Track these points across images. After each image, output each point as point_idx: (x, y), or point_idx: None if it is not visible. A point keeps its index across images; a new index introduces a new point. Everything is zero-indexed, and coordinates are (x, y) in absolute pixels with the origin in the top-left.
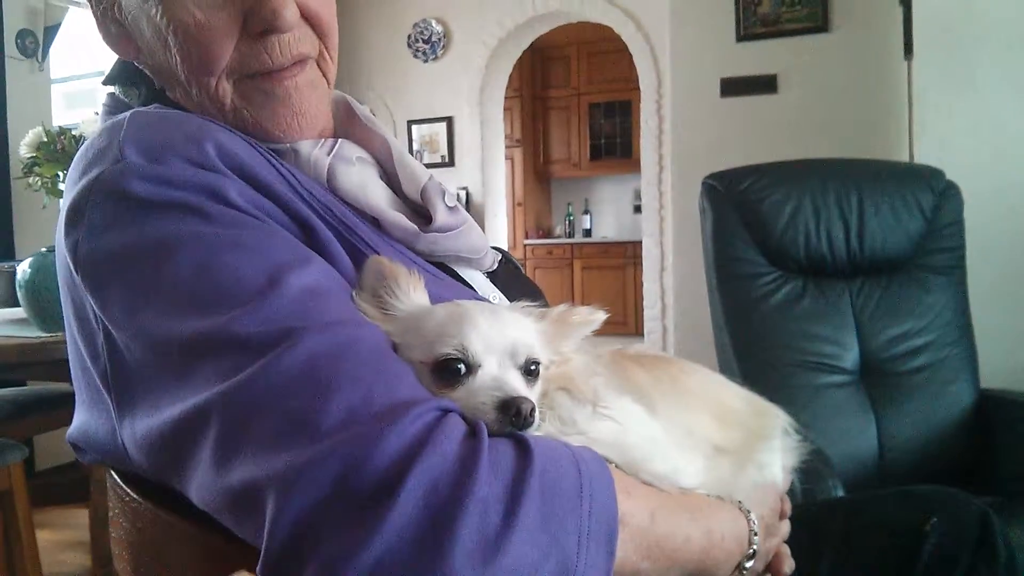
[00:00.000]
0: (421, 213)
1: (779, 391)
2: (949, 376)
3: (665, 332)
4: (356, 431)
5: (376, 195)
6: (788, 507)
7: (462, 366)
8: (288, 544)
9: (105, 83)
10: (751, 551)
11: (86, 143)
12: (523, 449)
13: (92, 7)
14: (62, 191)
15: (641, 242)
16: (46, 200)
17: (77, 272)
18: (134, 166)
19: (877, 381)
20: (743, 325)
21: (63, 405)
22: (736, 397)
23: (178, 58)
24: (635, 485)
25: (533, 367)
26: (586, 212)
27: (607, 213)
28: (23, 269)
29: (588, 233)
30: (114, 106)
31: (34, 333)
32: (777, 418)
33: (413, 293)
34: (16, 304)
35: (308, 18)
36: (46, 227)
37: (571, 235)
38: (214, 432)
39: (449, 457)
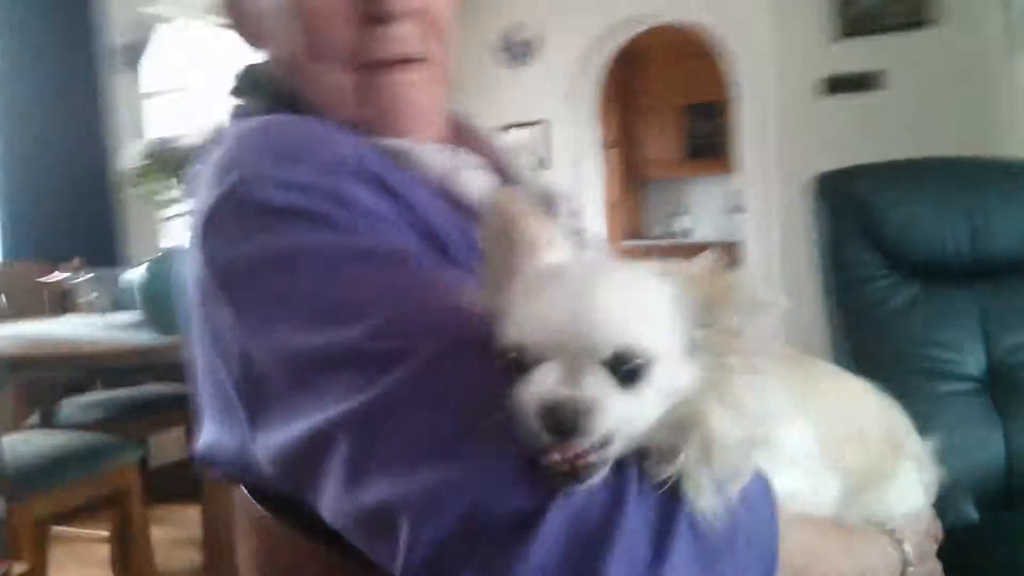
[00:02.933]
0: None
1: (899, 400)
2: None
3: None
4: (493, 453)
5: None
6: (939, 530)
7: (525, 360)
8: (424, 571)
9: (232, 93)
10: None
11: (217, 152)
12: (667, 488)
13: (223, 3)
14: (167, 200)
15: (738, 243)
16: (153, 209)
17: (212, 282)
18: (267, 174)
19: (1005, 390)
20: (860, 330)
21: (178, 405)
22: (875, 423)
23: (296, 43)
24: (795, 521)
25: (633, 365)
26: (683, 213)
27: (703, 214)
28: (140, 274)
29: (687, 234)
30: (240, 114)
31: (150, 336)
32: (913, 442)
33: (540, 244)
34: (120, 309)
35: (426, 14)
36: (152, 236)
37: (672, 236)
38: (345, 449)
39: (595, 485)
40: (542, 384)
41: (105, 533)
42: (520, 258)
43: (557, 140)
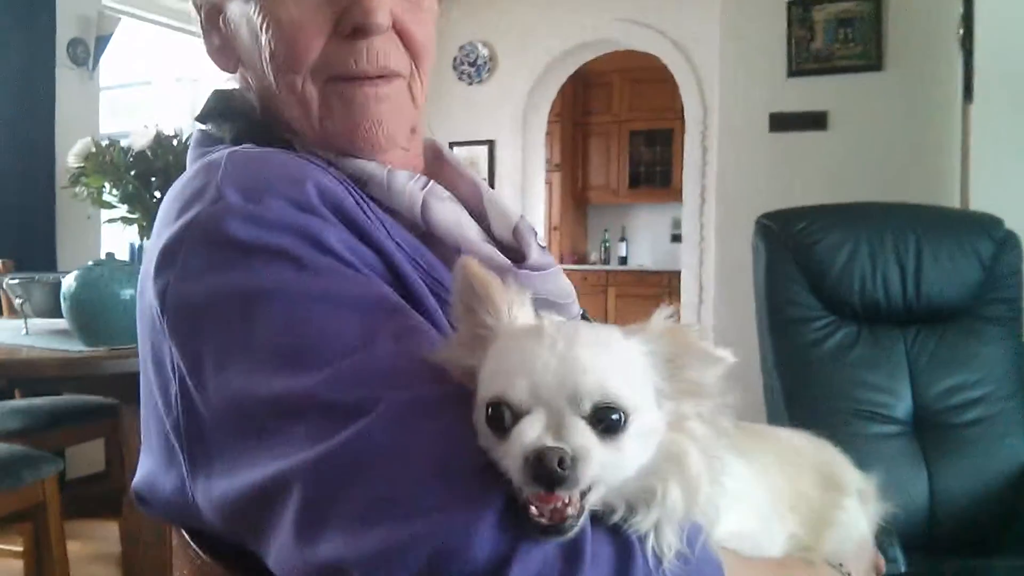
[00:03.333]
0: (510, 256)
1: (829, 440)
2: (1004, 430)
3: None
4: (450, 514)
5: (470, 230)
6: (883, 563)
7: (508, 415)
8: None
9: (198, 119)
10: None
11: (179, 182)
12: (622, 538)
13: (200, 19)
14: (107, 202)
15: (677, 272)
16: (91, 211)
17: (163, 316)
18: (233, 207)
19: (930, 433)
20: (794, 370)
21: (97, 417)
22: (809, 481)
23: (267, 55)
24: (740, 564)
25: (614, 417)
26: (622, 239)
27: (643, 241)
28: (68, 282)
29: (624, 261)
30: (205, 141)
31: (76, 346)
32: (854, 478)
33: (505, 306)
34: (57, 315)
35: (401, 34)
36: (89, 238)
37: (607, 262)
38: (297, 502)
39: (550, 549)
40: (527, 435)
41: (19, 548)
42: (489, 322)
43: (503, 161)
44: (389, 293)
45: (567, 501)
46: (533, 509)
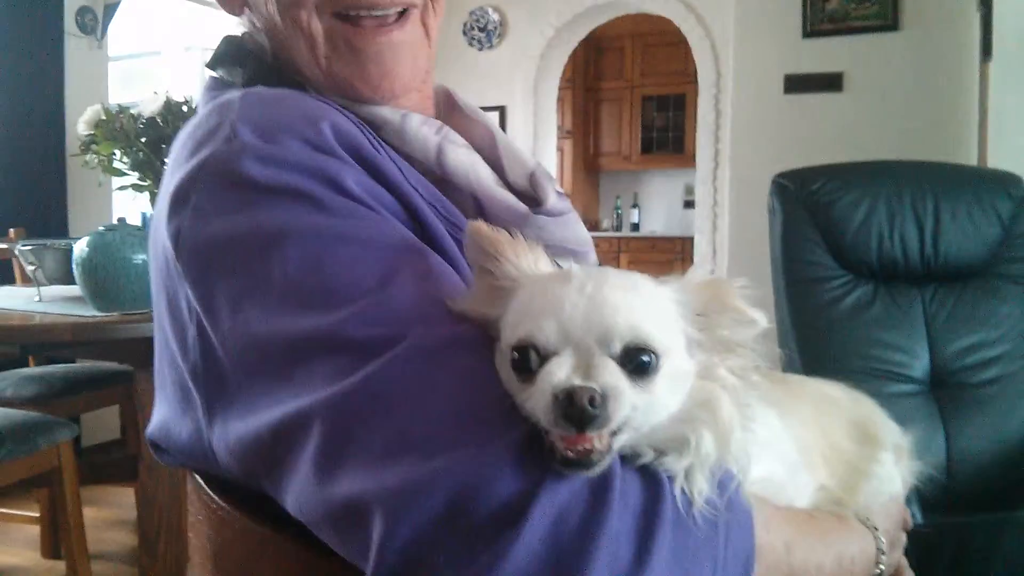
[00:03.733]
0: (526, 203)
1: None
2: (1022, 388)
3: None
4: (473, 450)
5: (485, 176)
6: (910, 518)
7: (535, 357)
8: (397, 572)
9: (208, 66)
10: (878, 572)
11: (191, 122)
12: (651, 475)
13: None
14: (118, 169)
15: (690, 238)
16: (101, 178)
17: (177, 260)
18: (248, 145)
19: (947, 393)
20: (811, 330)
21: (112, 383)
22: (844, 433)
23: None
24: (772, 512)
25: (644, 358)
26: (635, 206)
27: (656, 207)
28: (80, 247)
29: (636, 227)
30: (216, 87)
31: (89, 312)
32: (890, 432)
33: (522, 260)
34: (70, 282)
35: None
36: (100, 205)
37: (619, 228)
38: (317, 439)
39: (578, 484)
40: (556, 375)
41: (36, 513)
42: (511, 274)
43: (514, 127)
44: (408, 235)
45: (596, 437)
46: (561, 446)
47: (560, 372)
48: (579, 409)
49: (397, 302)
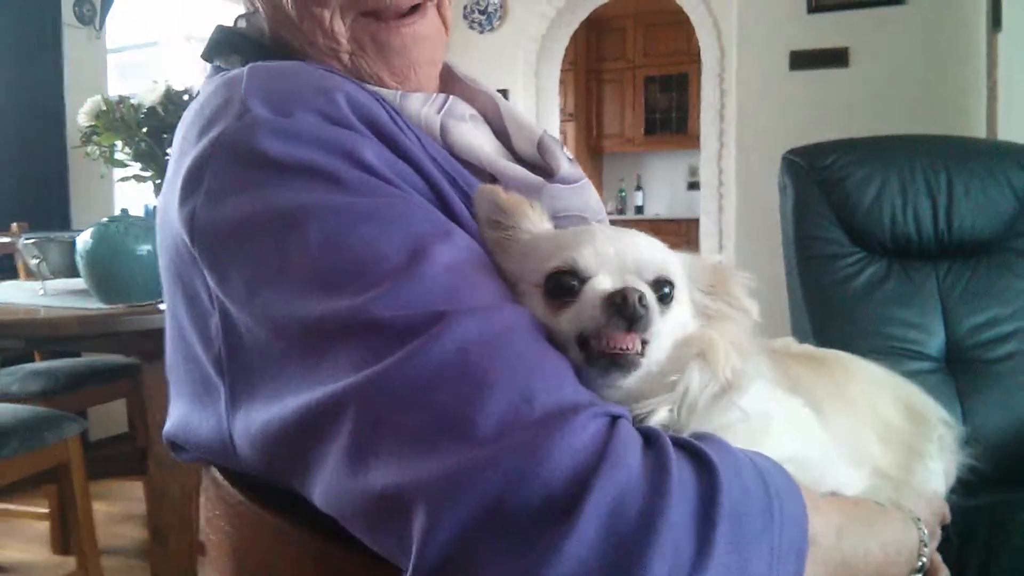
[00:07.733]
0: (537, 171)
1: None
2: None
3: None
4: (520, 436)
5: (490, 153)
6: (948, 513)
7: (574, 281)
8: (442, 567)
9: (204, 57)
10: (920, 564)
11: (196, 102)
12: (703, 462)
13: None
14: (119, 160)
15: (695, 220)
16: (103, 170)
17: (193, 245)
18: (263, 119)
19: (963, 369)
20: (824, 308)
21: (119, 376)
22: (896, 412)
23: None
24: (820, 499)
25: (667, 288)
26: (638, 188)
27: (660, 189)
28: (84, 240)
29: (640, 210)
30: (217, 75)
31: (94, 305)
32: (936, 420)
33: (533, 219)
34: (74, 275)
35: None
36: (102, 197)
37: (622, 211)
38: (349, 426)
39: (634, 473)
40: (605, 283)
41: (45, 509)
42: (528, 226)
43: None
44: (433, 210)
45: (637, 338)
46: (604, 344)
47: (607, 283)
48: (631, 306)
49: (428, 281)
